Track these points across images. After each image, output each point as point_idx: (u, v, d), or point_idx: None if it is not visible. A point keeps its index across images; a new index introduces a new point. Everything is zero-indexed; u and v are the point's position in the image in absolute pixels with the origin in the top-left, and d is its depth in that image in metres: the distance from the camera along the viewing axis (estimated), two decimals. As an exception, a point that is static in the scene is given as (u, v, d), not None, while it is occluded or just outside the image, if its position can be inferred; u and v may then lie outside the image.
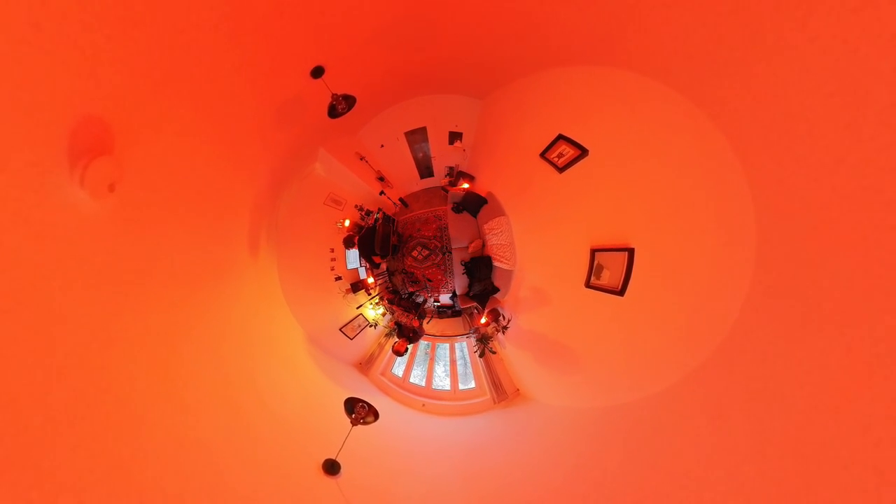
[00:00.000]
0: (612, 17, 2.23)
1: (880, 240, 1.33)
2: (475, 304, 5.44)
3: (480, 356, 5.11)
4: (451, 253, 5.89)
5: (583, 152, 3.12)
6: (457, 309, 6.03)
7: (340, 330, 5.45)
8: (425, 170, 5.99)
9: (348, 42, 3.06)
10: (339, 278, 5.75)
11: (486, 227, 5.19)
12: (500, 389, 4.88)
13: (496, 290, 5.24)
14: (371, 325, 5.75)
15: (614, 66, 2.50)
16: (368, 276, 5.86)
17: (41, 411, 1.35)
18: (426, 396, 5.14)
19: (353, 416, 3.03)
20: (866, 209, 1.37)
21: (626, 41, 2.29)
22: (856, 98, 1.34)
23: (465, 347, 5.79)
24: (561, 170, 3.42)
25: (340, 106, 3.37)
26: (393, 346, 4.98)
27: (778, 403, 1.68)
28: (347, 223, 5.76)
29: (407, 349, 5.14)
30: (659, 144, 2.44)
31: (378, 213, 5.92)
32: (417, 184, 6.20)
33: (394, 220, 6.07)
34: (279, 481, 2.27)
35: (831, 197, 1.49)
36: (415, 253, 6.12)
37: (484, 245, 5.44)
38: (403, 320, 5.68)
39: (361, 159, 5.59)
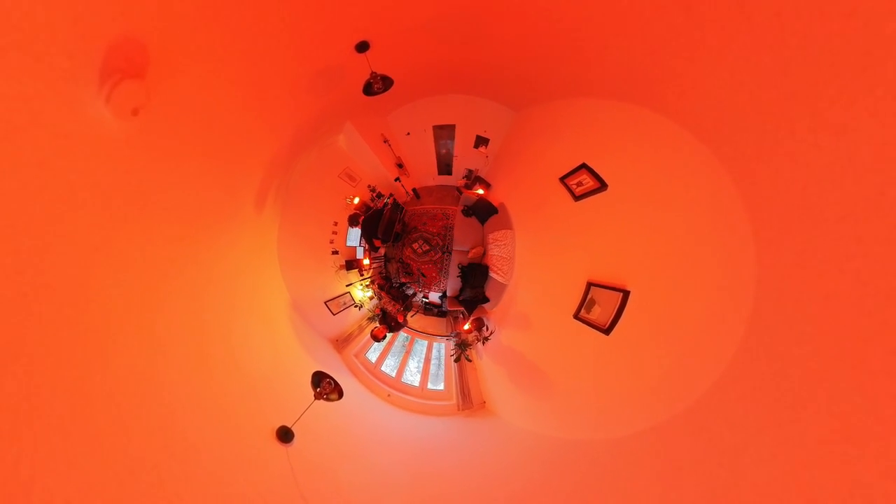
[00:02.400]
0: (659, 61, 2.23)
1: (879, 347, 1.33)
2: (462, 308, 5.44)
3: (456, 361, 5.11)
4: (450, 253, 5.89)
5: (602, 186, 3.12)
6: (443, 309, 6.03)
7: (325, 303, 5.46)
8: (444, 167, 5.99)
9: (399, 24, 3.06)
10: (335, 252, 5.75)
11: (490, 236, 5.19)
12: (467, 398, 4.88)
13: (486, 300, 5.24)
14: (356, 306, 5.76)
15: (651, 108, 2.49)
16: (365, 258, 5.86)
17: (22, 308, 1.35)
18: (393, 387, 5.14)
19: (318, 390, 3.03)
20: (868, 313, 1.37)
21: (668, 87, 2.29)
22: (875, 204, 1.34)
23: (442, 349, 5.79)
24: (577, 198, 3.42)
25: (377, 85, 3.37)
26: (372, 331, 4.98)
27: (732, 477, 1.68)
28: (357, 201, 5.76)
29: (386, 336, 5.14)
30: (678, 196, 2.44)
31: (389, 198, 5.92)
32: (434, 179, 6.20)
33: (403, 208, 6.07)
34: (230, 436, 2.27)
35: (833, 291, 1.49)
36: (415, 245, 6.12)
37: (484, 253, 5.44)
38: (389, 308, 5.69)
39: (385, 142, 5.59)
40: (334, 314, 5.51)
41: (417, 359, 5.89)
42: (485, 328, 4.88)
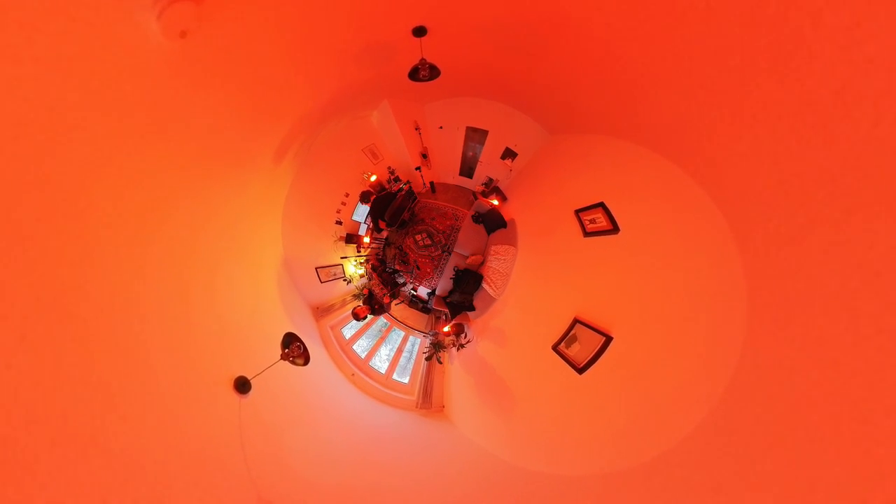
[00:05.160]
0: (703, 126, 2.22)
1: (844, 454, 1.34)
2: (447, 310, 5.44)
3: (427, 359, 5.11)
4: (450, 254, 5.89)
5: (614, 228, 3.12)
6: (428, 306, 6.02)
7: (316, 269, 5.45)
8: (467, 169, 5.99)
9: (461, 19, 3.06)
10: (339, 223, 5.75)
11: (493, 248, 5.19)
12: (428, 398, 4.88)
13: (472, 308, 5.24)
14: (345, 280, 5.75)
15: (683, 168, 2.49)
16: (366, 236, 5.86)
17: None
18: (360, 368, 5.14)
19: (286, 350, 3.03)
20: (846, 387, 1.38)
21: (703, 154, 2.29)
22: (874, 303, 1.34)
23: (417, 344, 5.78)
24: (587, 234, 3.42)
25: (424, 72, 3.36)
26: (355, 309, 4.98)
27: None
28: (373, 179, 5.76)
29: (366, 317, 5.14)
30: (685, 259, 2.44)
31: (405, 184, 5.91)
32: (453, 178, 6.20)
33: (416, 197, 6.06)
34: (189, 372, 2.27)
35: (814, 395, 1.49)
36: (418, 237, 6.11)
37: (483, 263, 5.44)
38: (376, 291, 5.68)
39: (416, 129, 5.59)
40: (322, 282, 5.50)
41: (390, 347, 5.88)
42: (463, 335, 4.88)
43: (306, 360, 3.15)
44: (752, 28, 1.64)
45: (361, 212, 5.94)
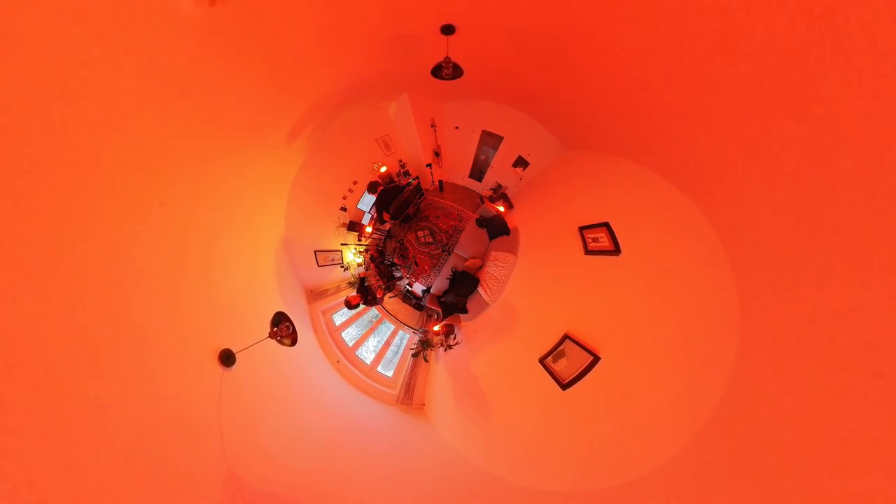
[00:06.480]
0: (716, 162, 2.22)
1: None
2: (439, 310, 5.44)
3: (413, 356, 5.11)
4: (450, 254, 5.89)
5: (615, 250, 3.12)
6: (421, 303, 6.03)
7: (315, 252, 5.45)
8: (477, 172, 5.99)
9: (491, 22, 3.06)
10: (344, 209, 5.75)
11: (493, 254, 5.19)
12: (410, 394, 4.88)
13: (465, 310, 5.24)
14: (342, 266, 5.75)
15: (692, 199, 2.49)
16: (369, 226, 5.86)
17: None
18: (345, 356, 5.14)
19: (275, 329, 3.03)
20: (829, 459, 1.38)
21: (714, 188, 2.29)
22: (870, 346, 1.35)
23: (405, 339, 5.79)
24: (588, 252, 3.42)
25: (447, 70, 3.36)
26: (348, 297, 4.98)
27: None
28: (383, 170, 5.76)
29: (358, 306, 5.14)
30: (683, 291, 2.44)
31: (415, 179, 5.92)
32: (462, 179, 6.20)
33: (423, 194, 6.07)
34: (176, 338, 2.26)
35: (802, 411, 1.50)
36: (420, 233, 6.12)
37: (481, 267, 5.44)
38: (372, 281, 5.69)
39: (432, 126, 5.59)
40: (319, 266, 5.50)
41: (378, 339, 5.89)
42: (453, 336, 4.88)
43: (294, 341, 3.15)
44: (779, 72, 1.64)
45: (367, 201, 5.94)
